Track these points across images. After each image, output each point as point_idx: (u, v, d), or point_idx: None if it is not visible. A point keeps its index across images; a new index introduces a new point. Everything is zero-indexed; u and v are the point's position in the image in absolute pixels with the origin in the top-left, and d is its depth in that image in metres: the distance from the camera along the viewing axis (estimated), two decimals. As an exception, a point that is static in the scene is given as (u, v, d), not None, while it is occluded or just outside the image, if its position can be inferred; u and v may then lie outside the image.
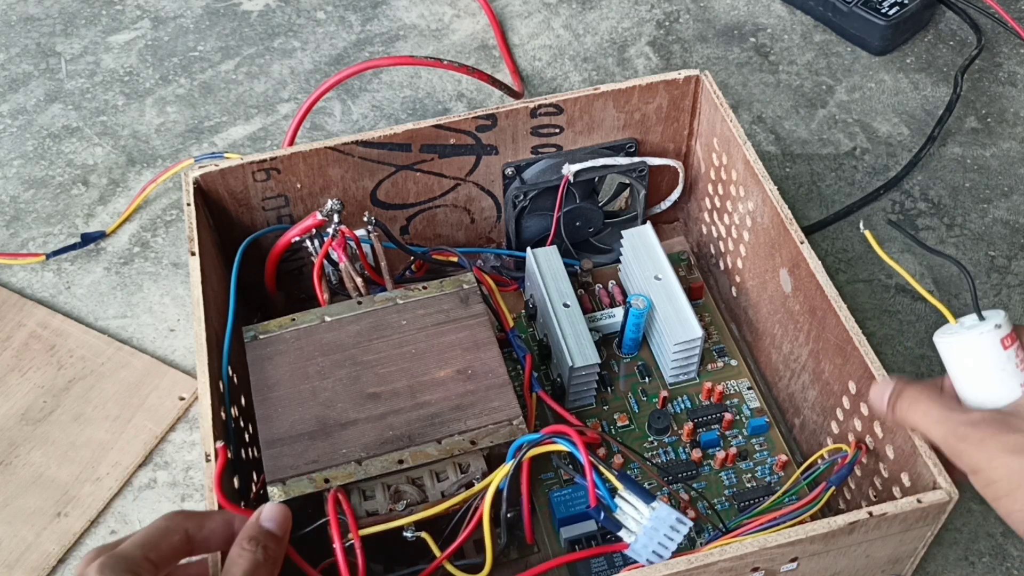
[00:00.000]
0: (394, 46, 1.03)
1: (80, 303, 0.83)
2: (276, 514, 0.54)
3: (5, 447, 0.74)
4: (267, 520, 0.54)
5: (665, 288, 0.73)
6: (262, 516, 0.54)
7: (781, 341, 0.71)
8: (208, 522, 0.54)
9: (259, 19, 1.06)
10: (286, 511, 0.55)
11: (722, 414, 0.72)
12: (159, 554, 0.51)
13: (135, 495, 0.73)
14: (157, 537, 0.52)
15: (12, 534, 0.70)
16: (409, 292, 0.68)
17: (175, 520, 0.53)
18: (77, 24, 1.05)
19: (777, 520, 0.58)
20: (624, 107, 0.75)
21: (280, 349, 0.65)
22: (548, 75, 1.00)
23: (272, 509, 0.54)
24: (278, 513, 0.54)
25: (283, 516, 0.54)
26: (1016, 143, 0.95)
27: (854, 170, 0.92)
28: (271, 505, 0.55)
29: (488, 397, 0.63)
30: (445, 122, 0.72)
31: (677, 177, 0.81)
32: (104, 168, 0.93)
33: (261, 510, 0.54)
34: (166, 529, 0.52)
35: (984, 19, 1.04)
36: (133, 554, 0.51)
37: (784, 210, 0.67)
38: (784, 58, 1.02)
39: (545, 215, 0.78)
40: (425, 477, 0.60)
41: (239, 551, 0.52)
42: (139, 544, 0.51)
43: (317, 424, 0.61)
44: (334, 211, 0.66)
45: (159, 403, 0.76)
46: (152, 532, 0.52)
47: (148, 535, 0.52)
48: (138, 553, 0.51)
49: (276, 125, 0.96)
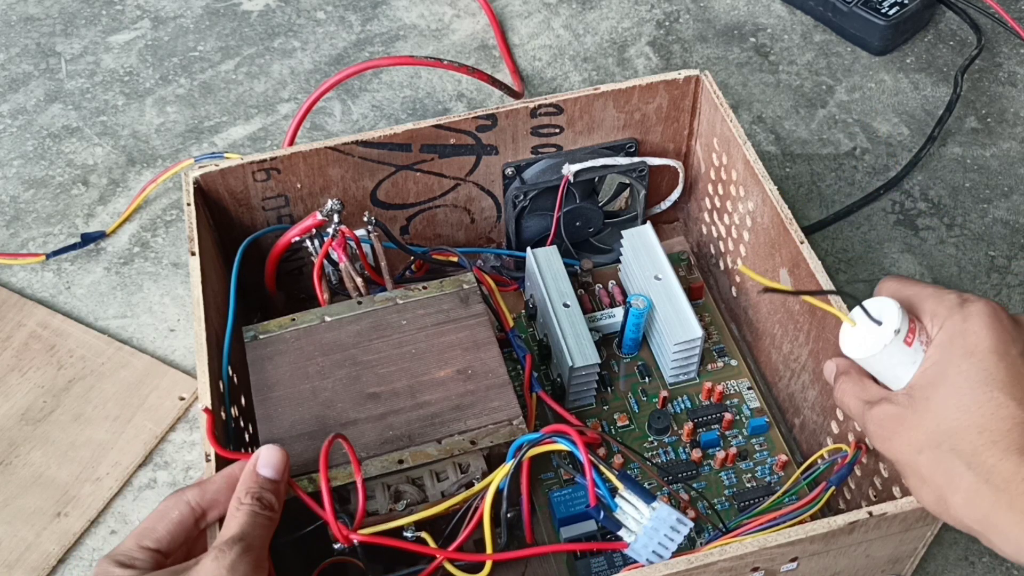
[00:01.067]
0: (394, 46, 1.03)
1: (80, 303, 0.83)
2: (272, 459, 0.54)
3: (5, 447, 0.74)
4: (264, 467, 0.54)
5: (665, 288, 0.73)
6: (258, 463, 0.54)
7: (781, 341, 0.71)
8: (210, 485, 0.53)
9: (259, 19, 1.06)
10: (282, 454, 0.54)
11: (722, 414, 0.72)
12: (157, 539, 0.51)
13: (135, 495, 0.73)
14: (153, 521, 0.52)
15: (12, 534, 0.70)
16: (409, 292, 0.68)
17: (172, 499, 0.53)
18: (77, 24, 1.05)
19: (777, 520, 0.58)
20: (624, 107, 0.75)
21: (280, 349, 0.65)
22: (548, 75, 1.00)
23: (268, 454, 0.54)
24: (274, 457, 0.54)
25: (279, 459, 0.54)
26: (1016, 143, 0.95)
27: (854, 170, 0.92)
28: (267, 449, 0.54)
29: (488, 397, 0.63)
30: (445, 122, 0.72)
31: (677, 177, 0.81)
32: (104, 168, 0.93)
33: (258, 455, 0.54)
34: (163, 511, 0.52)
35: (984, 19, 1.04)
36: (127, 547, 0.51)
37: (784, 210, 0.67)
38: (784, 58, 1.02)
39: (545, 215, 0.78)
40: (425, 477, 0.60)
41: (236, 506, 0.52)
42: (135, 535, 0.51)
43: (317, 424, 0.61)
44: (334, 211, 0.66)
45: (159, 403, 0.76)
46: (150, 519, 0.52)
47: (146, 523, 0.52)
48: (132, 544, 0.51)
49: (276, 125, 0.96)
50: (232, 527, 0.51)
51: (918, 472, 0.51)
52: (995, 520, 0.48)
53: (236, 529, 0.51)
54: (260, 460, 0.54)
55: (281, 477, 0.54)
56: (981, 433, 0.48)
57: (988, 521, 0.48)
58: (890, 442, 0.52)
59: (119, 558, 0.50)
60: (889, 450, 0.53)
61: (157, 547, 0.51)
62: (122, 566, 0.50)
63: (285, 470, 0.55)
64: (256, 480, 0.53)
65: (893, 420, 0.52)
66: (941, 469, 0.49)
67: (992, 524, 0.48)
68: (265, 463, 0.54)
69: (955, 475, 0.49)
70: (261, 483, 0.53)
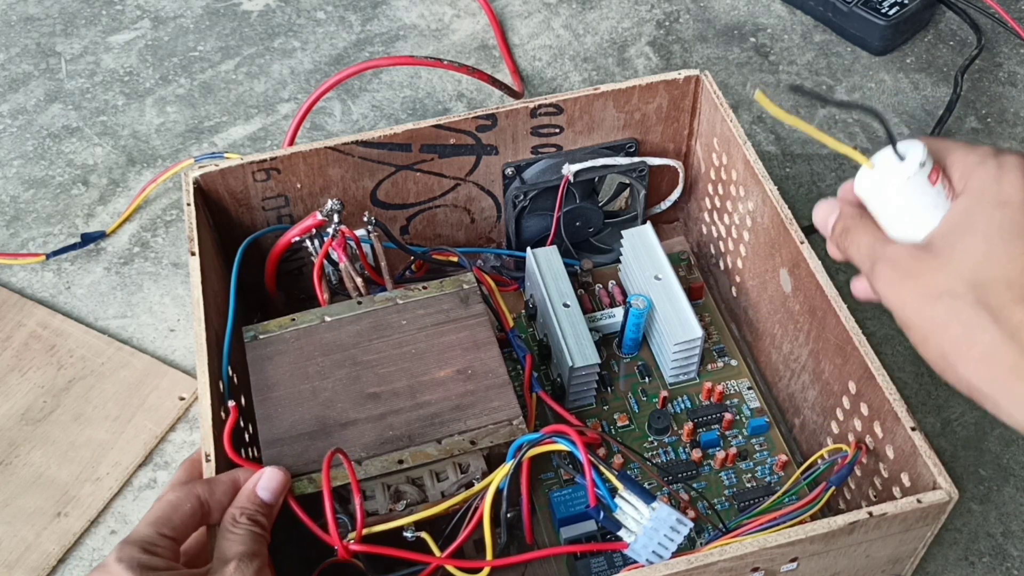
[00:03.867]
0: (394, 46, 1.03)
1: (80, 303, 0.83)
2: (272, 484, 0.55)
3: (5, 447, 0.74)
4: (263, 489, 0.54)
5: (665, 288, 0.73)
6: (259, 484, 0.54)
7: (781, 341, 0.71)
8: (218, 486, 0.54)
9: (259, 19, 1.06)
10: (283, 479, 0.55)
11: (722, 414, 0.72)
12: (174, 528, 0.51)
13: (135, 495, 0.73)
14: (169, 511, 0.52)
15: (12, 534, 0.70)
16: (409, 292, 0.68)
17: (184, 490, 0.53)
18: (77, 24, 1.05)
19: (777, 520, 0.58)
20: (624, 107, 0.75)
21: (280, 349, 0.65)
22: (548, 75, 1.00)
23: (270, 478, 0.54)
24: (274, 482, 0.55)
25: (279, 485, 0.55)
26: (1016, 143, 0.95)
27: (854, 170, 0.92)
28: (270, 472, 0.55)
29: (488, 397, 0.63)
30: (445, 122, 0.72)
31: (677, 177, 0.81)
32: (104, 168, 0.93)
33: (260, 475, 0.54)
34: (177, 502, 0.52)
35: (984, 19, 1.04)
36: (148, 533, 0.51)
37: (784, 210, 0.67)
38: (784, 58, 1.02)
39: (545, 215, 0.78)
40: (425, 477, 0.60)
41: (232, 525, 0.52)
42: (152, 522, 0.51)
43: (317, 424, 0.61)
44: (334, 211, 0.66)
45: (159, 403, 0.76)
46: (164, 507, 0.52)
47: (161, 511, 0.52)
48: (152, 531, 0.51)
49: (276, 125, 0.96)
50: (236, 545, 0.51)
51: (928, 322, 0.46)
52: (1012, 382, 0.44)
53: (241, 547, 0.51)
54: (262, 482, 0.54)
55: (277, 503, 0.55)
56: (1011, 287, 0.44)
57: (1002, 382, 0.44)
58: (900, 285, 0.47)
59: (143, 544, 0.50)
60: (898, 294, 0.48)
61: (174, 535, 0.51)
62: (146, 552, 0.50)
63: (282, 494, 0.56)
64: (253, 501, 0.54)
65: (910, 260, 0.47)
66: (959, 320, 0.45)
67: (1006, 386, 0.44)
68: (265, 487, 0.55)
69: (975, 328, 0.44)
70: (258, 505, 0.54)
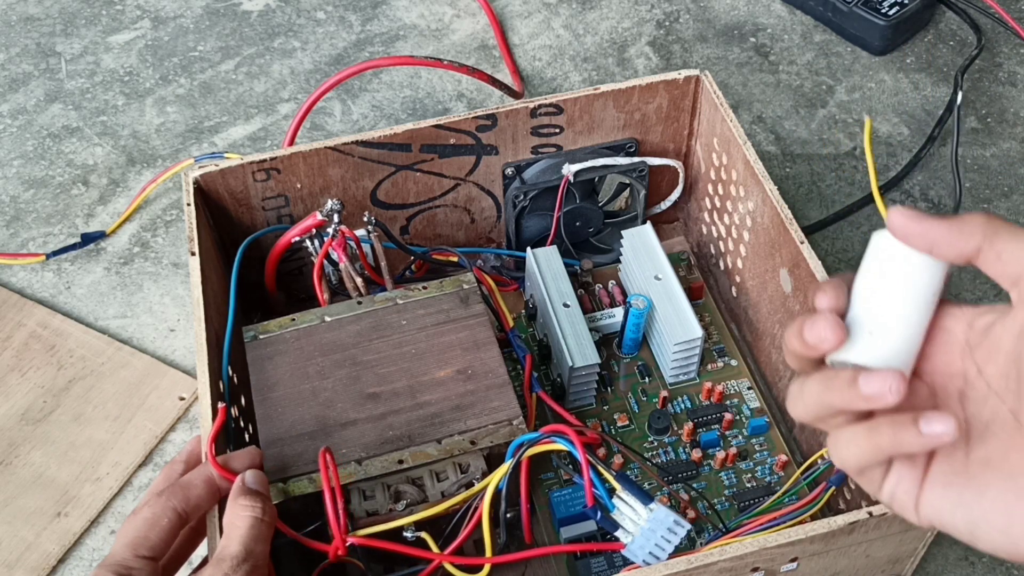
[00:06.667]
0: (394, 46, 1.03)
1: (80, 303, 0.83)
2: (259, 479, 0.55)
3: (5, 447, 0.74)
4: (253, 484, 0.55)
5: (665, 288, 0.73)
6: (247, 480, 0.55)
7: (781, 341, 0.71)
8: (192, 491, 0.54)
9: (259, 19, 1.06)
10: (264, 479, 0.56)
11: (722, 414, 0.72)
12: (151, 548, 0.51)
13: (135, 495, 0.73)
14: (146, 529, 0.52)
15: (12, 534, 0.70)
16: (409, 292, 0.68)
17: (158, 504, 0.53)
18: (77, 24, 1.05)
19: (777, 520, 0.58)
20: (624, 107, 0.75)
21: (280, 349, 0.65)
22: (548, 75, 1.00)
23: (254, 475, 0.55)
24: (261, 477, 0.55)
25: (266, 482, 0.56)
26: (1016, 143, 0.95)
27: (854, 170, 0.92)
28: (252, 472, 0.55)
29: (488, 397, 0.63)
30: (445, 122, 0.72)
31: (677, 177, 0.81)
32: (104, 168, 0.93)
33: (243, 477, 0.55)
34: (154, 518, 0.52)
35: (984, 19, 1.04)
36: (124, 556, 0.51)
37: (784, 210, 0.67)
38: (784, 58, 1.02)
39: (545, 215, 0.78)
40: (425, 477, 0.60)
41: (237, 508, 0.53)
42: (129, 543, 0.51)
43: (317, 424, 0.61)
44: (334, 211, 0.66)
45: (159, 403, 0.76)
46: (140, 525, 0.52)
47: (137, 531, 0.52)
48: (128, 553, 0.51)
49: (276, 125, 0.96)
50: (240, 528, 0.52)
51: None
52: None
53: (239, 546, 0.51)
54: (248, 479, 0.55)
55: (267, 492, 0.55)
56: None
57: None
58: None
59: (117, 569, 0.50)
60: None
61: (152, 555, 0.51)
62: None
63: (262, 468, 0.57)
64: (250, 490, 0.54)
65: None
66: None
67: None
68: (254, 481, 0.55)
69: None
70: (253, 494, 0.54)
